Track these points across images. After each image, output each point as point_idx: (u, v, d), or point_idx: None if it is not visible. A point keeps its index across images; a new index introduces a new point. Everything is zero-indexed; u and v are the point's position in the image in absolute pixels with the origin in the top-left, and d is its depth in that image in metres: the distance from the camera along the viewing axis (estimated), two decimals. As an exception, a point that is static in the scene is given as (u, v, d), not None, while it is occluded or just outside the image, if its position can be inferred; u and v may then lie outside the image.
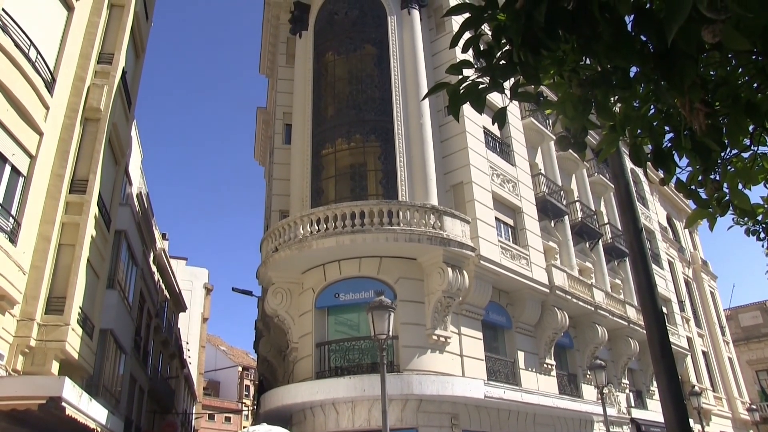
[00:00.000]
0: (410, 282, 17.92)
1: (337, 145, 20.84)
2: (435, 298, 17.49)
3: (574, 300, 22.58)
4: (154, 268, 31.42)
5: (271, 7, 27.07)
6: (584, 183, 29.69)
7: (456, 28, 21.46)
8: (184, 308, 43.52)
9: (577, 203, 27.87)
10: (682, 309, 36.01)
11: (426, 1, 23.71)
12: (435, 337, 17.29)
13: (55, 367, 12.85)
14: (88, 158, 14.79)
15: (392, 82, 21.22)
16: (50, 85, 13.32)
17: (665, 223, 40.79)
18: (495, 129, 22.60)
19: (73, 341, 13.27)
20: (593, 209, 29.15)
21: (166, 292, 36.50)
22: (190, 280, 51.54)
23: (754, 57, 3.06)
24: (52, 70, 13.52)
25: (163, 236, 38.38)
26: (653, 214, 36.78)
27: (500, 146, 23.27)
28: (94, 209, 14.68)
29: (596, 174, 30.71)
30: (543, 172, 26.15)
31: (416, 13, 22.99)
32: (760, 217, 6.05)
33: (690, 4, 1.76)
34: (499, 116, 3.02)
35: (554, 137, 26.92)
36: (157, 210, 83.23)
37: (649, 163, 3.58)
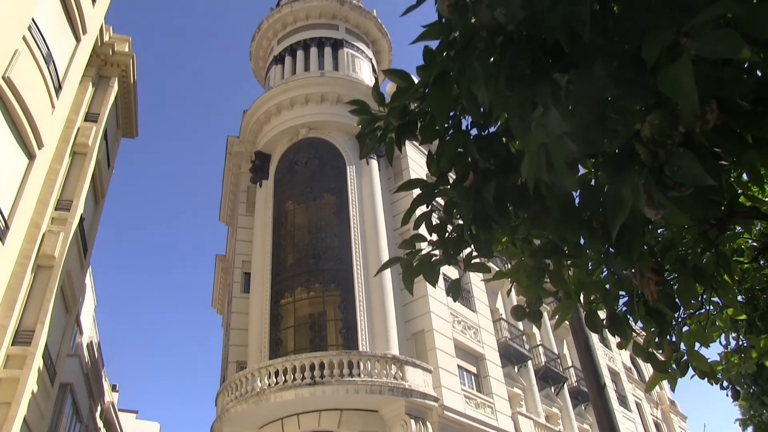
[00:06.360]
0: (372, 436, 17.13)
1: (296, 294, 20.68)
2: (398, 452, 16.67)
3: (542, 450, 21.78)
4: (100, 424, 29.47)
5: (232, 157, 27.80)
6: (546, 326, 29.71)
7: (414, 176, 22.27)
8: (130, 466, 40.47)
9: (540, 347, 27.69)
10: (652, 455, 34.96)
11: (384, 152, 24.66)
12: (398, 497, 16.29)
13: None
14: (36, 307, 14.26)
15: (351, 231, 21.54)
16: (2, 233, 13.06)
17: (629, 363, 40.55)
18: (455, 275, 22.78)
19: None
20: (557, 352, 28.96)
21: (111, 449, 34.01)
22: (140, 435, 48.27)
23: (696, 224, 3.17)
24: (6, 216, 13.30)
25: (113, 387, 36.47)
26: (617, 355, 36.64)
27: (461, 293, 23.32)
28: (38, 362, 13.94)
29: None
30: (504, 317, 26.16)
31: (375, 163, 23.87)
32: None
33: (629, 205, 1.82)
34: (454, 289, 3.02)
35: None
36: (108, 359, 79.52)
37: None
